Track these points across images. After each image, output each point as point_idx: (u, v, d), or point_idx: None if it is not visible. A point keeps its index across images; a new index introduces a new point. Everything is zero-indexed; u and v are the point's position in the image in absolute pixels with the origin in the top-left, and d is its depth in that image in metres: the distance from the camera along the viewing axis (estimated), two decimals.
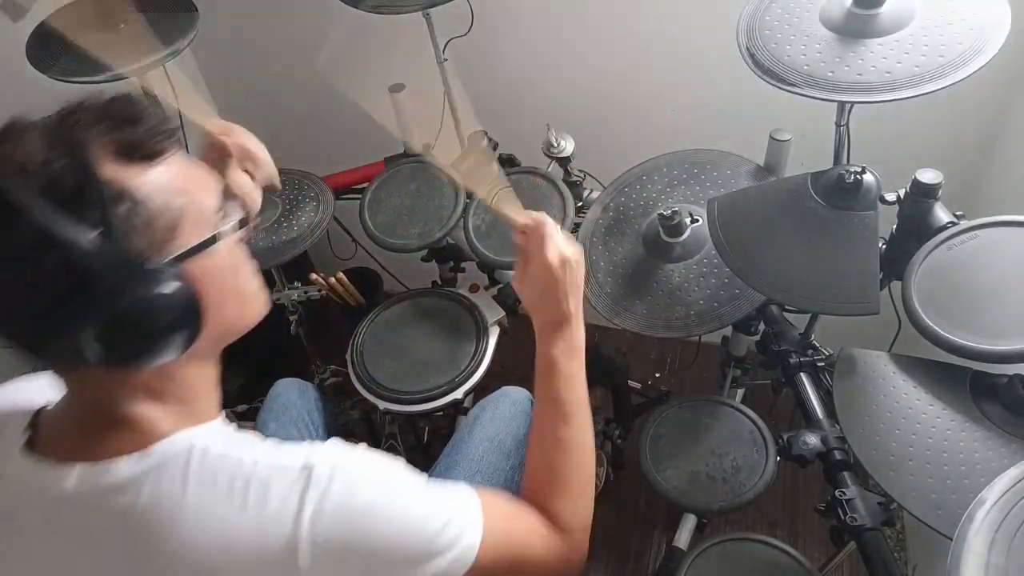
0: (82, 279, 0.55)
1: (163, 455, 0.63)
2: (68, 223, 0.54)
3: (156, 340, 0.60)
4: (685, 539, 1.59)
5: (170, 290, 0.59)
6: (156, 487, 0.62)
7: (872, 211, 1.07)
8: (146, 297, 0.57)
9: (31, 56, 1.35)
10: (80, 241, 0.54)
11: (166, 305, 0.59)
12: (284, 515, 0.62)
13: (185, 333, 0.62)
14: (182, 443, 0.65)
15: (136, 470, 0.62)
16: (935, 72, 0.98)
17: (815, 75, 1.04)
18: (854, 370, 1.07)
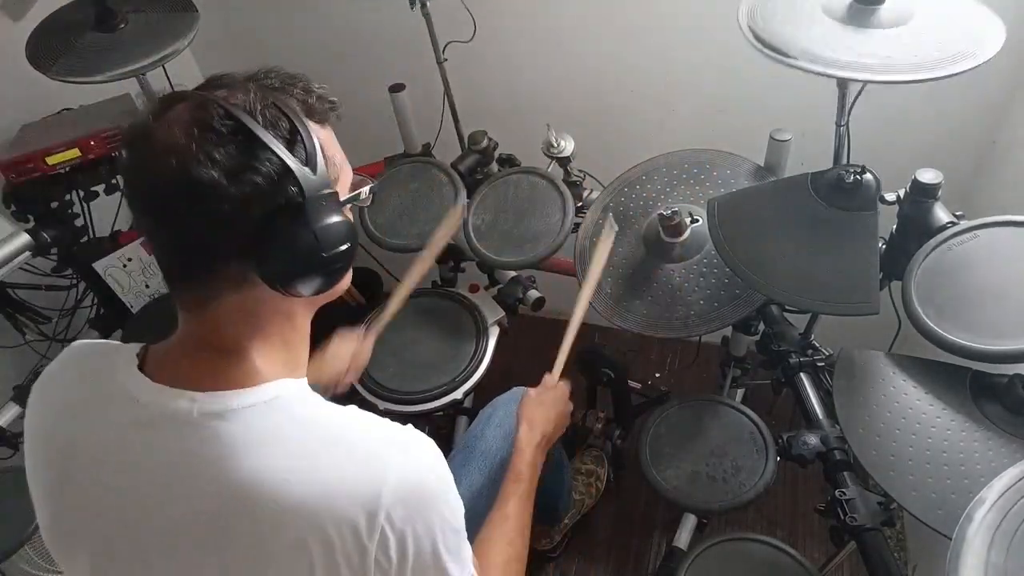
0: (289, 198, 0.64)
1: (270, 393, 0.69)
2: (290, 155, 0.64)
3: (333, 262, 0.68)
4: (685, 539, 1.58)
5: (347, 223, 0.68)
6: (259, 419, 0.68)
7: (872, 211, 1.07)
8: (333, 224, 0.67)
9: (31, 56, 1.35)
10: (297, 169, 0.64)
11: (343, 233, 0.67)
12: (369, 474, 0.67)
13: (343, 264, 0.69)
14: (287, 389, 0.71)
15: (244, 402, 0.68)
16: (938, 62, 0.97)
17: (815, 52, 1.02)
18: (854, 370, 1.07)
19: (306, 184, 0.65)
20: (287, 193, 0.64)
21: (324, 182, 0.67)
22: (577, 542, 1.77)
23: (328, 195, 0.67)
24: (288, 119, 0.66)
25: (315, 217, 0.65)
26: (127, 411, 0.70)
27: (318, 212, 0.66)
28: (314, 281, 0.68)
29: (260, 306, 0.70)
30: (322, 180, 0.66)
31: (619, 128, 1.77)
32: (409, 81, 1.60)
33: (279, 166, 0.63)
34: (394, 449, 0.70)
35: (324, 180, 0.67)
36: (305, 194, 0.65)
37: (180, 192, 0.62)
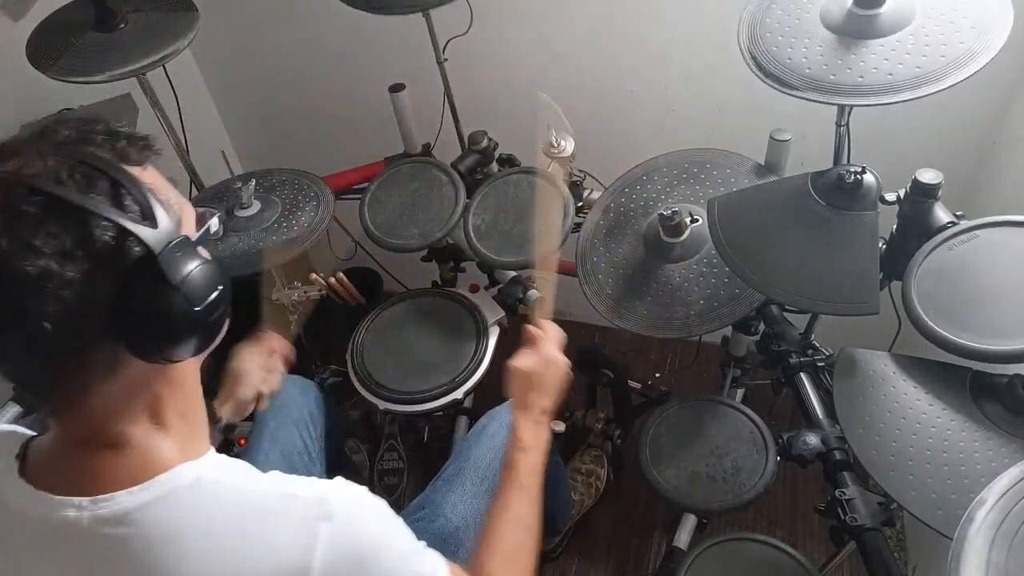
0: (138, 261, 0.57)
1: (167, 487, 0.63)
2: (122, 215, 0.57)
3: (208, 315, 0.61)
4: (685, 539, 1.59)
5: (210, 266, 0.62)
6: (160, 518, 0.62)
7: (872, 211, 1.07)
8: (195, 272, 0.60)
9: (31, 56, 1.35)
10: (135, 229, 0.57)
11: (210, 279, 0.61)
12: (297, 546, 0.64)
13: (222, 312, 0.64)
14: (187, 475, 0.64)
15: (139, 501, 0.62)
16: (936, 73, 0.98)
17: (817, 78, 1.04)
18: (854, 370, 1.07)
19: (151, 241, 0.57)
20: (133, 255, 0.57)
21: (169, 231, 0.59)
22: (577, 542, 1.77)
23: (179, 242, 0.60)
24: (104, 174, 0.58)
25: (173, 272, 0.58)
26: (14, 526, 0.64)
27: (174, 265, 0.59)
28: (196, 339, 0.62)
29: (141, 385, 0.64)
30: (166, 230, 0.59)
31: (619, 128, 1.77)
32: (409, 81, 1.60)
33: (114, 231, 0.56)
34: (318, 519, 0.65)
35: (168, 229, 0.60)
36: (154, 252, 0.57)
37: (10, 295, 0.54)
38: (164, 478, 0.63)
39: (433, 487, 1.22)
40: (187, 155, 1.64)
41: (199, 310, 0.60)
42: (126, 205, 0.58)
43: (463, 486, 1.18)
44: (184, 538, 0.62)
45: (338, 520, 0.66)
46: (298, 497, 0.67)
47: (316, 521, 0.65)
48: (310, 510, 0.66)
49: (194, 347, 0.63)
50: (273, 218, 1.46)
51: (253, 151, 2.21)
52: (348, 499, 0.69)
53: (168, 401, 0.66)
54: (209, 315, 0.61)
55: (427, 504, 1.18)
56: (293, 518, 0.65)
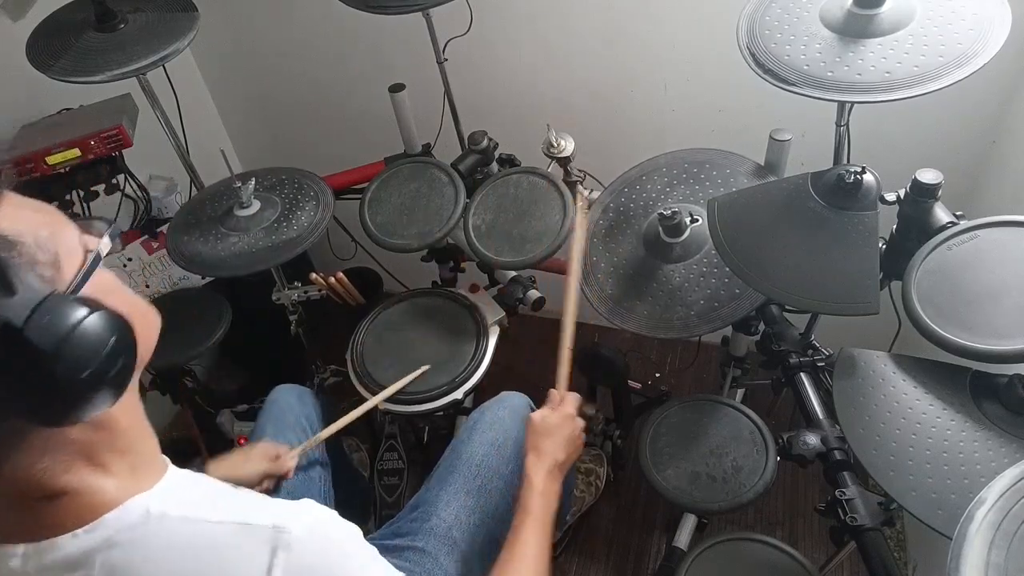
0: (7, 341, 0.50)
1: (114, 526, 0.59)
2: None
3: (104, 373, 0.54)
4: (685, 539, 1.59)
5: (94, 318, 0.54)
6: (111, 560, 0.58)
7: (872, 211, 1.07)
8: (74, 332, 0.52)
9: (31, 56, 1.35)
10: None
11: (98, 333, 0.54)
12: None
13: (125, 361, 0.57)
14: (136, 511, 0.61)
15: (85, 545, 0.58)
16: (935, 72, 0.98)
17: (815, 75, 1.05)
18: (854, 370, 1.07)
19: (10, 312, 0.50)
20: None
21: (33, 292, 0.51)
22: (577, 541, 1.77)
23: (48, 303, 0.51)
24: None
25: (47, 340, 0.50)
26: None
27: (47, 332, 0.51)
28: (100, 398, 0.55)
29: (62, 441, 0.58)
30: (29, 291, 0.51)
31: (619, 128, 1.77)
32: (409, 81, 1.60)
33: None
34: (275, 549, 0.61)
35: (32, 289, 0.52)
36: (16, 325, 0.50)
37: None
38: (110, 517, 0.60)
39: (427, 486, 1.22)
40: (187, 155, 1.64)
41: (91, 370, 0.53)
42: None
43: (455, 484, 1.18)
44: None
45: (297, 549, 0.62)
46: (255, 526, 0.63)
47: (272, 552, 0.61)
48: (267, 540, 0.62)
49: (106, 402, 0.56)
50: (273, 218, 1.46)
51: (253, 151, 2.21)
52: (310, 526, 0.65)
53: (102, 445, 0.61)
54: (108, 370, 0.54)
55: (421, 503, 1.18)
56: (248, 550, 0.61)
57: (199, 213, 1.50)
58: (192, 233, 1.45)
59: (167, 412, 2.08)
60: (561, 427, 1.07)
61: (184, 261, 1.42)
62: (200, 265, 1.41)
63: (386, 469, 1.82)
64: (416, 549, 1.10)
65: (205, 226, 1.46)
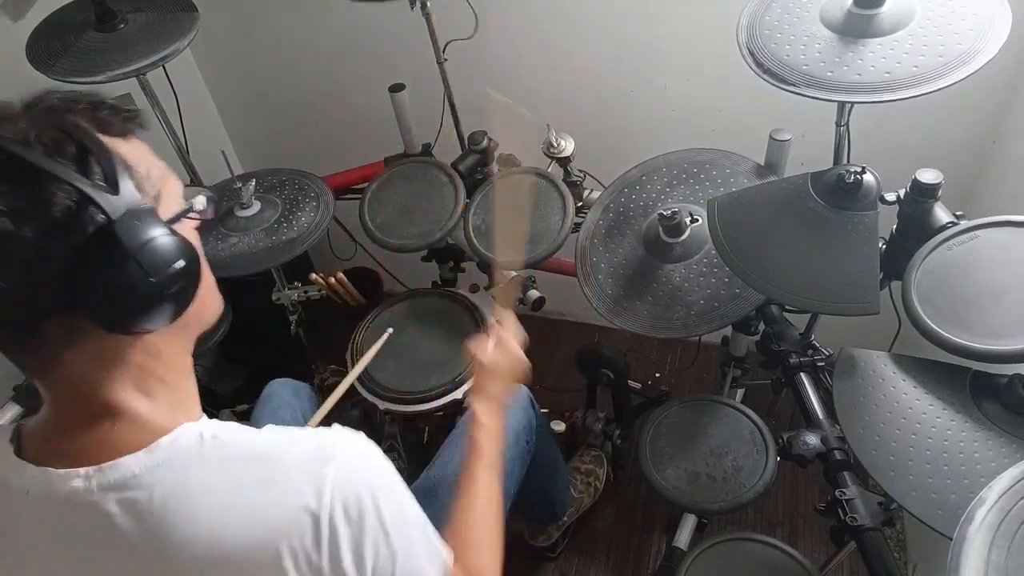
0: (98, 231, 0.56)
1: (171, 448, 0.63)
2: (83, 180, 0.56)
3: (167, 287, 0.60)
4: (685, 539, 1.58)
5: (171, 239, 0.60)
6: (168, 478, 0.62)
7: (872, 211, 1.07)
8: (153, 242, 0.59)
9: (31, 56, 1.35)
10: (94, 194, 0.56)
11: (171, 251, 0.60)
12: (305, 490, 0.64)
13: (186, 285, 0.62)
14: (189, 434, 0.65)
15: (146, 464, 0.62)
16: (934, 72, 0.98)
17: (814, 75, 1.05)
18: (854, 370, 1.07)
19: (109, 206, 0.56)
20: (92, 222, 0.56)
21: (132, 200, 0.58)
22: (577, 542, 1.77)
23: (141, 212, 0.59)
24: (74, 140, 0.58)
25: (130, 240, 0.57)
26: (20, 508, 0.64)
27: (132, 233, 0.57)
28: (155, 312, 0.60)
29: (115, 353, 0.63)
30: (129, 198, 0.58)
31: (619, 128, 1.77)
32: (409, 81, 1.60)
33: (73, 194, 0.55)
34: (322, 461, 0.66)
35: (132, 197, 0.59)
36: (111, 217, 0.56)
37: None
38: (166, 440, 0.64)
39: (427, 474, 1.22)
40: (187, 155, 1.64)
41: (156, 282, 0.58)
42: (91, 171, 0.57)
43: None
44: (193, 495, 0.62)
45: (341, 460, 0.67)
46: (300, 443, 0.68)
47: (321, 463, 0.66)
48: (314, 453, 0.67)
49: (157, 320, 0.61)
50: (273, 218, 1.46)
51: (253, 151, 2.21)
52: (348, 441, 0.70)
53: (150, 372, 0.65)
54: (167, 287, 0.60)
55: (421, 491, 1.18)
56: (298, 462, 0.66)
57: None
58: None
59: None
60: (501, 363, 1.04)
61: None
62: None
63: None
64: None
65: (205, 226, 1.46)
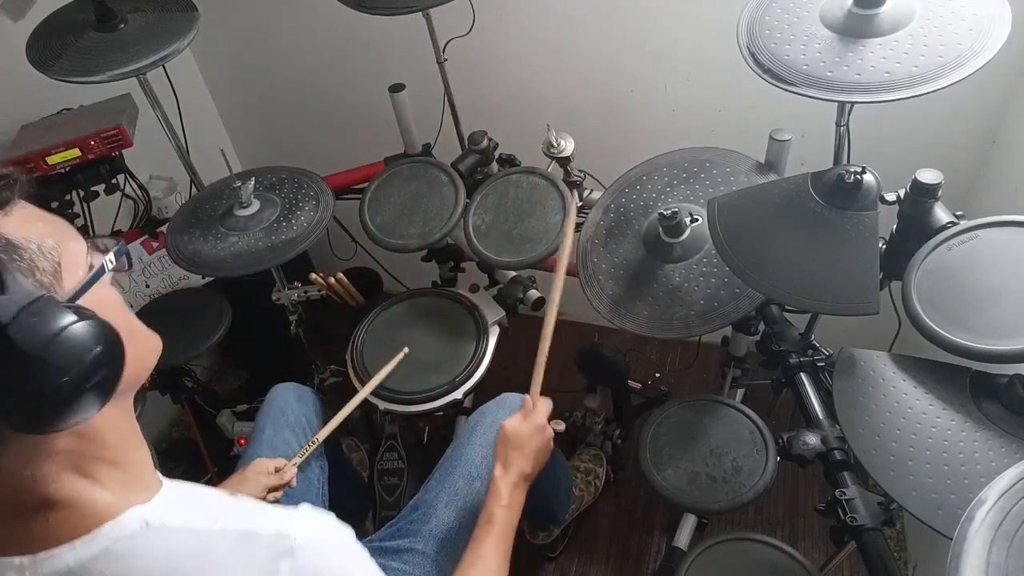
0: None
1: (112, 537, 0.59)
2: None
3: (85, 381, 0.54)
4: (685, 539, 1.59)
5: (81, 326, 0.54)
6: (110, 571, 0.58)
7: (872, 211, 1.07)
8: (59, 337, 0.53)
9: (31, 56, 1.35)
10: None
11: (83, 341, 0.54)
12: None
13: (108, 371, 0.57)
14: (133, 521, 0.60)
15: (84, 556, 0.58)
16: (934, 72, 0.98)
17: (814, 75, 1.05)
18: (854, 370, 1.07)
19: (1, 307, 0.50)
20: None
21: (24, 294, 0.52)
22: (577, 542, 1.77)
23: (37, 306, 0.52)
24: None
25: (30, 341, 0.51)
26: None
27: (31, 333, 0.51)
28: (79, 407, 0.55)
29: (46, 449, 0.58)
30: (19, 292, 0.52)
31: (619, 128, 1.77)
32: (409, 81, 1.60)
33: None
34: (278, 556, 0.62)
35: (23, 291, 0.53)
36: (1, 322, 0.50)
37: None
38: (108, 528, 0.59)
39: (426, 487, 1.22)
40: (187, 155, 1.64)
41: (68, 379, 0.53)
42: None
43: (455, 486, 1.18)
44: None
45: (300, 556, 0.63)
46: (257, 535, 0.64)
47: (277, 559, 0.62)
48: (270, 548, 0.63)
49: (88, 410, 0.56)
50: (272, 217, 1.46)
51: (253, 151, 2.21)
52: (312, 531, 0.66)
53: (90, 455, 0.61)
54: (88, 379, 0.54)
55: (420, 505, 1.18)
56: (252, 560, 0.62)
57: (199, 213, 1.50)
58: (192, 233, 1.45)
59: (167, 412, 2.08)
60: (531, 438, 1.06)
61: (184, 261, 1.42)
62: (200, 265, 1.41)
63: (386, 469, 1.82)
64: (415, 551, 1.10)
65: (205, 226, 1.46)
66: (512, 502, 1.01)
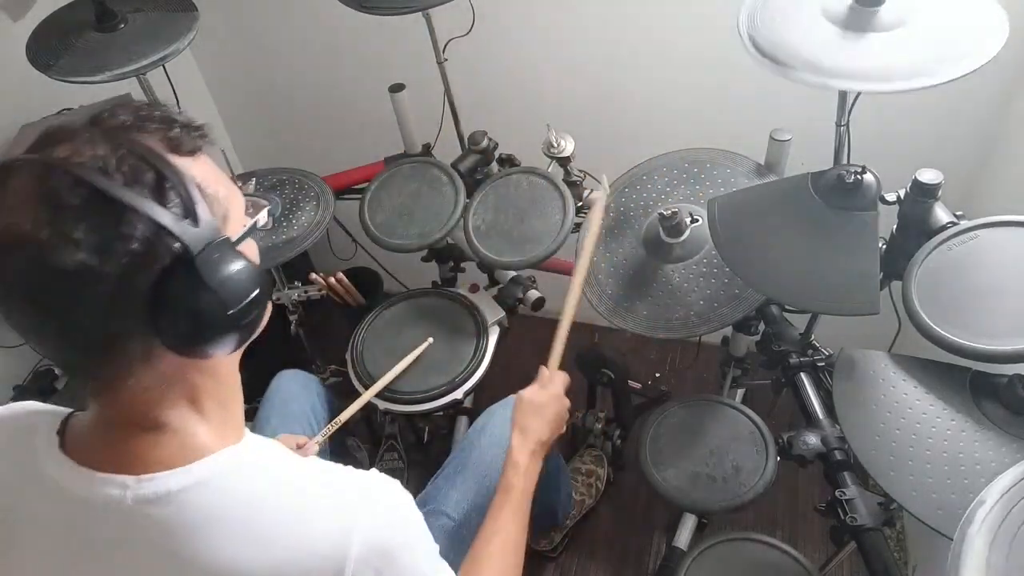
0: (175, 260, 0.57)
1: (209, 470, 0.64)
2: (160, 209, 0.56)
3: (241, 318, 0.61)
4: (685, 539, 1.58)
5: (248, 269, 0.61)
6: (203, 501, 0.63)
7: (872, 211, 1.07)
8: (232, 275, 0.59)
9: (31, 56, 1.35)
10: (175, 228, 0.56)
11: (248, 282, 0.61)
12: (335, 533, 0.64)
13: (258, 313, 0.63)
14: (228, 459, 0.66)
15: (182, 483, 0.62)
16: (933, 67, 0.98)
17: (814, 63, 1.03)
18: (854, 370, 1.07)
19: (190, 239, 0.57)
20: (172, 253, 0.57)
21: (211, 230, 0.59)
22: (577, 542, 1.76)
23: (220, 244, 0.59)
24: (152, 167, 0.57)
25: (210, 273, 0.58)
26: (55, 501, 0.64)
27: (212, 266, 0.58)
28: (228, 339, 0.62)
29: (178, 374, 0.64)
30: (208, 229, 0.59)
31: (619, 128, 1.77)
32: (409, 81, 1.60)
33: (153, 227, 0.55)
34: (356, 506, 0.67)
35: (210, 228, 0.59)
36: (192, 251, 0.57)
37: (46, 286, 0.55)
38: (206, 462, 0.64)
39: (434, 484, 1.22)
40: None
41: (233, 312, 0.60)
42: (169, 201, 0.57)
43: (466, 483, 1.18)
44: (225, 521, 0.63)
45: (376, 510, 0.67)
46: (337, 484, 0.69)
47: (355, 509, 0.66)
48: (348, 502, 0.67)
49: (229, 346, 0.63)
50: (273, 218, 1.46)
51: (253, 151, 2.21)
52: (386, 490, 0.70)
53: (205, 390, 0.66)
54: (244, 317, 0.61)
55: (429, 501, 1.18)
56: (332, 504, 0.66)
57: None
58: None
59: None
60: (548, 406, 1.07)
61: None
62: None
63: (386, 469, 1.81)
64: None
65: None
66: (529, 470, 1.02)
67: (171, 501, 0.62)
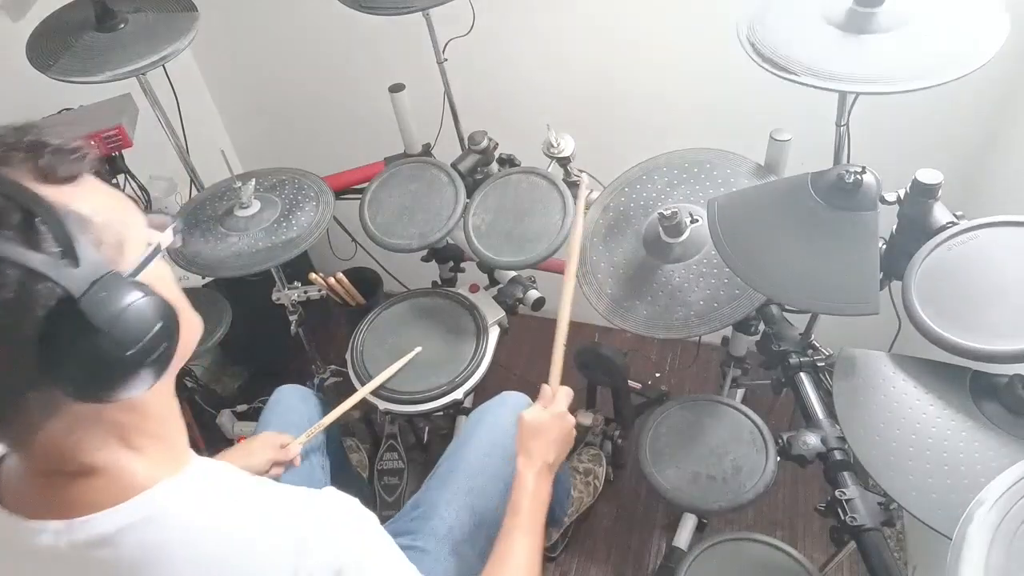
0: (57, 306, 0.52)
1: (147, 506, 0.61)
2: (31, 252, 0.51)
3: (146, 355, 0.56)
4: (685, 539, 1.59)
5: (145, 301, 0.55)
6: (141, 541, 0.60)
7: (872, 211, 1.07)
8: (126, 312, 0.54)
9: (31, 56, 1.35)
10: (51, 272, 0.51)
11: (146, 316, 0.55)
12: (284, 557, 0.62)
13: (167, 347, 0.58)
14: (166, 494, 0.62)
15: (118, 523, 0.59)
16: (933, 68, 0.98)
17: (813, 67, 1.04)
18: (854, 370, 1.07)
19: (70, 281, 0.51)
20: (52, 298, 0.51)
21: (94, 267, 0.53)
22: (577, 542, 1.77)
23: (107, 281, 0.53)
24: (18, 205, 0.51)
25: (98, 314, 0.52)
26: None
27: (100, 307, 0.52)
28: (138, 379, 0.56)
29: (95, 416, 0.59)
30: (91, 266, 0.53)
31: (619, 128, 1.77)
32: (409, 81, 1.60)
33: (25, 275, 0.50)
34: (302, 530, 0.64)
35: (94, 264, 0.53)
36: (74, 293, 0.51)
37: None
38: (142, 498, 0.61)
39: (427, 485, 1.22)
40: (187, 155, 1.64)
41: (134, 352, 0.54)
42: (42, 242, 0.52)
43: (456, 484, 1.18)
44: (170, 558, 0.60)
45: (325, 531, 0.65)
46: (282, 511, 0.66)
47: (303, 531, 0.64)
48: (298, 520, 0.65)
49: (142, 384, 0.57)
50: (273, 218, 1.46)
51: (253, 151, 2.21)
52: (337, 509, 0.68)
53: (133, 427, 0.62)
54: (148, 353, 0.55)
55: (422, 503, 1.18)
56: (280, 528, 0.64)
57: (199, 213, 1.50)
58: (192, 233, 1.45)
59: None
60: (552, 426, 1.06)
61: (184, 261, 1.42)
62: (200, 265, 1.41)
63: (386, 469, 1.82)
64: (417, 549, 1.10)
65: (205, 226, 1.46)
66: (538, 491, 1.01)
67: (110, 542, 0.59)
